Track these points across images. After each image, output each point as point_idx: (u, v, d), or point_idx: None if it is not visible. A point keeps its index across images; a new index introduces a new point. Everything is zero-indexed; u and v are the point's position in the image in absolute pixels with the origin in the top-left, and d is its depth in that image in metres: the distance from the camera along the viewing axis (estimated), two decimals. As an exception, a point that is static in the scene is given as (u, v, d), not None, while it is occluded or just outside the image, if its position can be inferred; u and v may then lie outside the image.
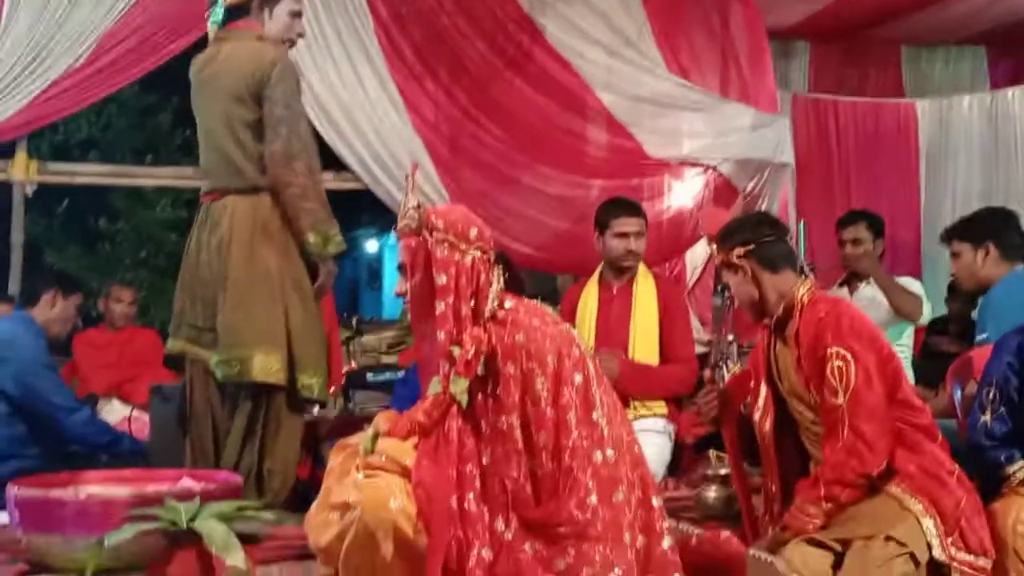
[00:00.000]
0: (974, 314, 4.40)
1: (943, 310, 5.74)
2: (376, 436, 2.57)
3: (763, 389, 3.10)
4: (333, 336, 4.25)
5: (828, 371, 2.84)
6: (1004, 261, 3.94)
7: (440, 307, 2.55)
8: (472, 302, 2.57)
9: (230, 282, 3.53)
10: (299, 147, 3.54)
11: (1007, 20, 6.93)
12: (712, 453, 3.98)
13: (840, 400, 2.82)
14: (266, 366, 3.47)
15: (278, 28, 3.72)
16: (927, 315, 4.85)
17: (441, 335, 2.55)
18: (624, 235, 4.35)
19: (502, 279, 2.64)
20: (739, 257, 3.09)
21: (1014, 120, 7.13)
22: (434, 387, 2.57)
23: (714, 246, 3.21)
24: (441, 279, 2.56)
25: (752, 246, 3.11)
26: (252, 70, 3.56)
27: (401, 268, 2.70)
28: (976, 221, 4.11)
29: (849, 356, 2.84)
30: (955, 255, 4.06)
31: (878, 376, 2.85)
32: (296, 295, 3.57)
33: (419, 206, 2.62)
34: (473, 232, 2.62)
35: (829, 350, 2.85)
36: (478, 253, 2.61)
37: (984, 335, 3.78)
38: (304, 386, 3.53)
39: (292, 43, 3.82)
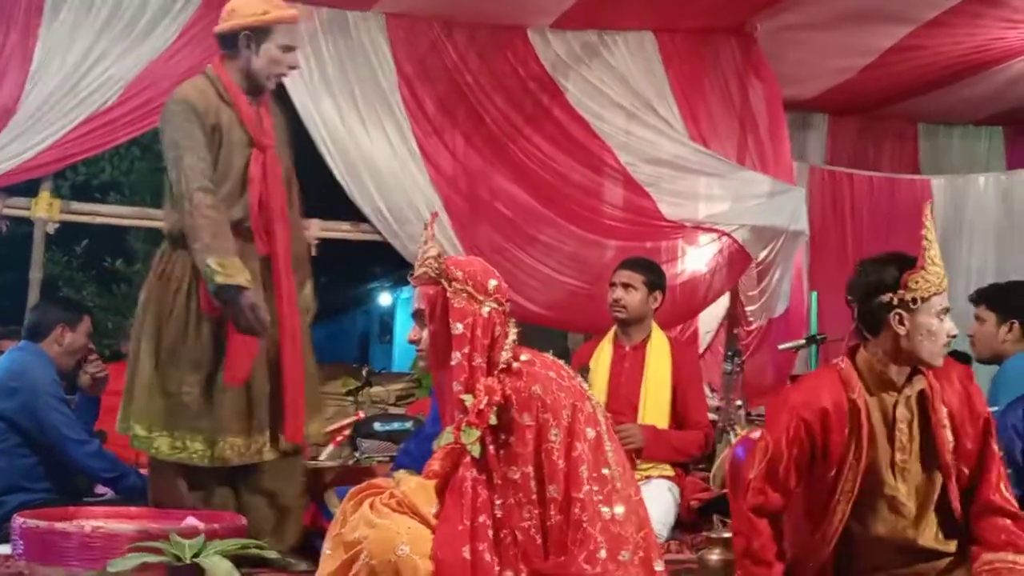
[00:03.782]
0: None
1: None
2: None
3: (850, 456, 2.80)
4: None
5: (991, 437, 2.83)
6: (1022, 341, 3.93)
7: (456, 357, 2.57)
8: (487, 353, 2.59)
9: None
10: (184, 186, 3.44)
11: (1025, 102, 7.01)
12: (715, 517, 3.97)
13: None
14: (119, 415, 3.55)
15: (264, 63, 3.61)
16: None
17: (457, 385, 2.56)
18: (613, 285, 4.38)
19: (515, 332, 2.65)
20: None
21: (1029, 201, 7.19)
22: (446, 437, 2.59)
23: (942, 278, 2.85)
24: (458, 328, 2.58)
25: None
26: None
27: (416, 315, 2.71)
28: (1011, 294, 4.07)
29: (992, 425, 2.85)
30: (979, 319, 4.04)
31: None
32: (150, 344, 3.51)
33: (439, 255, 2.64)
34: (492, 284, 2.64)
35: (983, 417, 2.83)
36: (495, 305, 2.63)
37: (996, 408, 3.77)
38: (134, 437, 3.50)
39: (281, 77, 3.72)
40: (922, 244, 2.73)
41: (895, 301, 2.73)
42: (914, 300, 2.72)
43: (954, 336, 2.80)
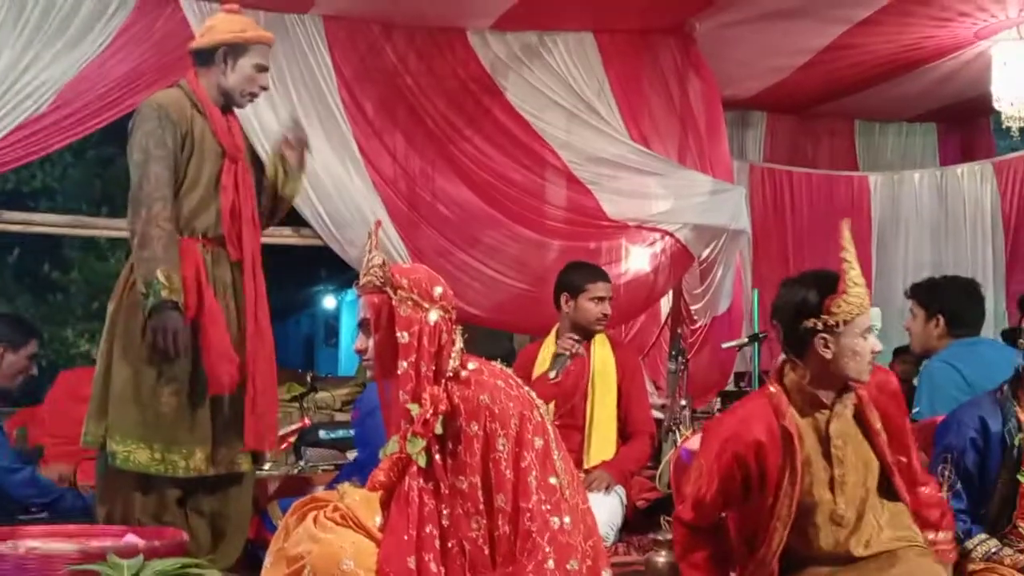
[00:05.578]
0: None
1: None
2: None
3: (785, 482, 2.76)
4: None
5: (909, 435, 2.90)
6: (949, 336, 3.97)
7: (403, 366, 2.54)
8: (434, 362, 2.56)
9: None
10: (145, 192, 3.47)
11: (957, 99, 7.16)
12: (662, 518, 3.98)
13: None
14: (85, 428, 3.49)
15: (239, 80, 3.70)
16: None
17: (403, 395, 2.53)
18: (600, 299, 4.43)
19: (463, 339, 2.64)
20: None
21: (962, 196, 7.35)
22: (391, 447, 2.56)
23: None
24: (404, 338, 2.55)
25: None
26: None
27: (362, 325, 2.68)
28: (938, 290, 4.09)
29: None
30: (912, 313, 4.08)
31: None
32: (125, 355, 3.48)
33: (384, 263, 2.61)
34: (438, 291, 2.62)
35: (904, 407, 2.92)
36: (441, 312, 2.60)
37: (918, 409, 3.81)
38: (110, 452, 3.42)
39: (254, 96, 3.80)
40: (842, 267, 2.69)
41: (819, 326, 2.71)
42: (837, 324, 2.69)
43: (878, 352, 2.77)
